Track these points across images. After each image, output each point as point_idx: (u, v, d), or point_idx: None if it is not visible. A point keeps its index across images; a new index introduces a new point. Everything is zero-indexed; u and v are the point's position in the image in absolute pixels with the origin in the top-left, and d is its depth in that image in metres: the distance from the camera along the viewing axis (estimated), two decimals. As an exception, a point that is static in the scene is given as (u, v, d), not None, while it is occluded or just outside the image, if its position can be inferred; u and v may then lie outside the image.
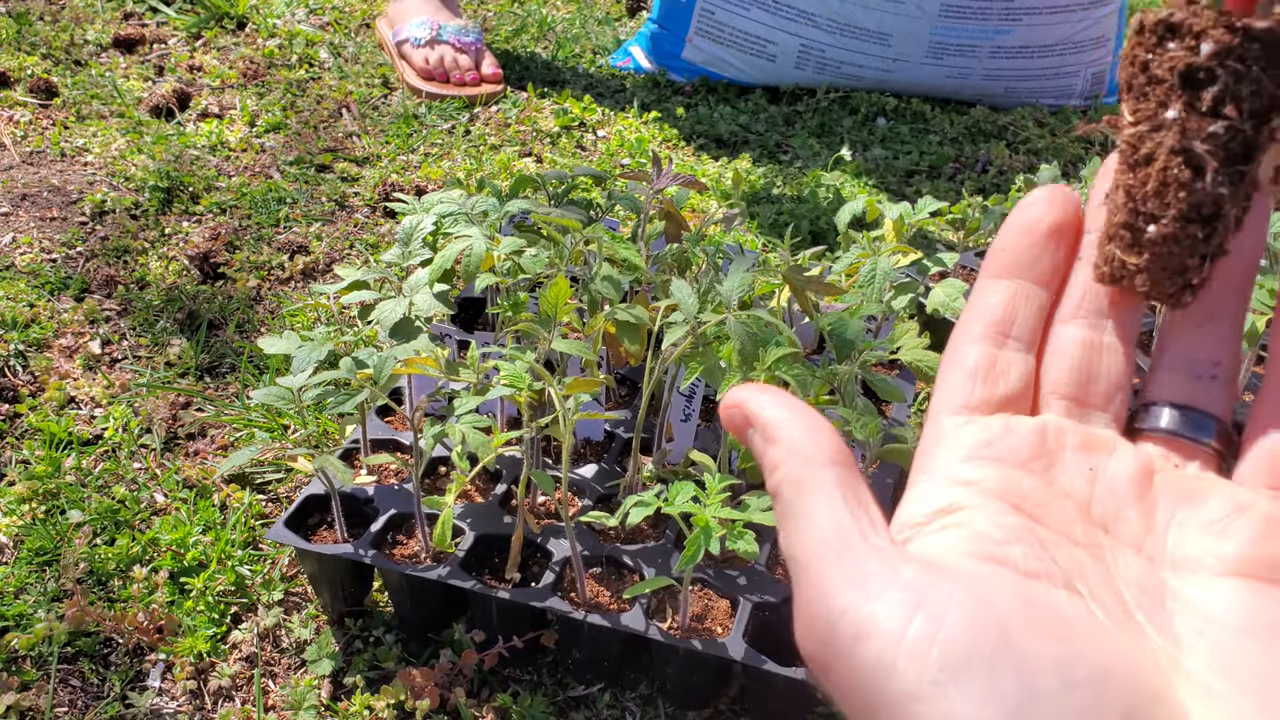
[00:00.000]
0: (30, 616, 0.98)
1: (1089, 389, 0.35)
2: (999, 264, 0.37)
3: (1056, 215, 0.36)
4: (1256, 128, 0.31)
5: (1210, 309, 0.35)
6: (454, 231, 0.96)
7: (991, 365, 0.35)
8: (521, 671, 0.98)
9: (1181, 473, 0.34)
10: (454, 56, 2.01)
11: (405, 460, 1.04)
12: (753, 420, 0.33)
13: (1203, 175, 0.31)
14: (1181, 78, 0.31)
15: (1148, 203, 0.32)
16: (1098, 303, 0.36)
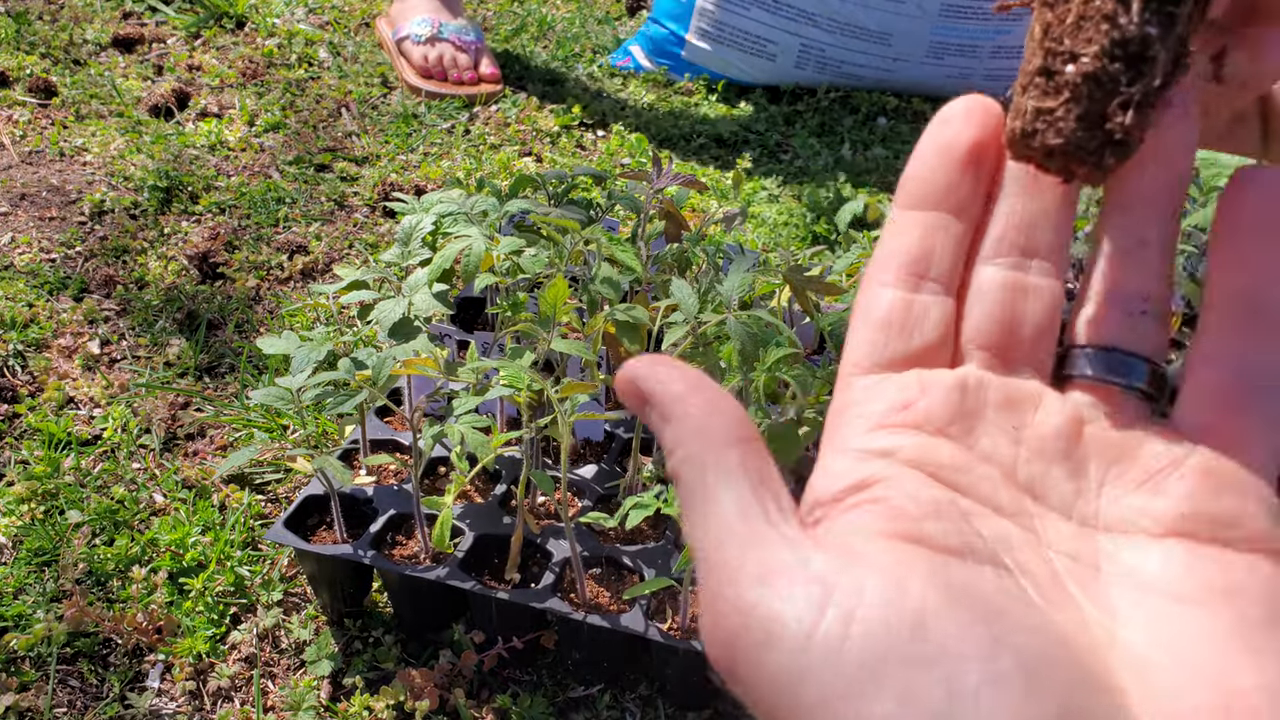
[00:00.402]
0: (29, 617, 0.97)
1: (1012, 337, 0.32)
2: (912, 193, 0.33)
3: (975, 133, 0.32)
4: None
5: (1138, 234, 0.31)
6: (453, 231, 0.96)
7: (906, 313, 0.32)
8: (521, 672, 0.97)
9: (1113, 423, 0.31)
10: (453, 55, 2.01)
11: (404, 460, 1.04)
12: (649, 396, 0.30)
13: (1128, 7, 0.28)
14: None
15: (1066, 39, 0.29)
16: (1024, 235, 0.32)
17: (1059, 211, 0.32)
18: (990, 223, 0.33)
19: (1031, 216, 0.32)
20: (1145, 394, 0.31)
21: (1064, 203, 0.32)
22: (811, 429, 0.89)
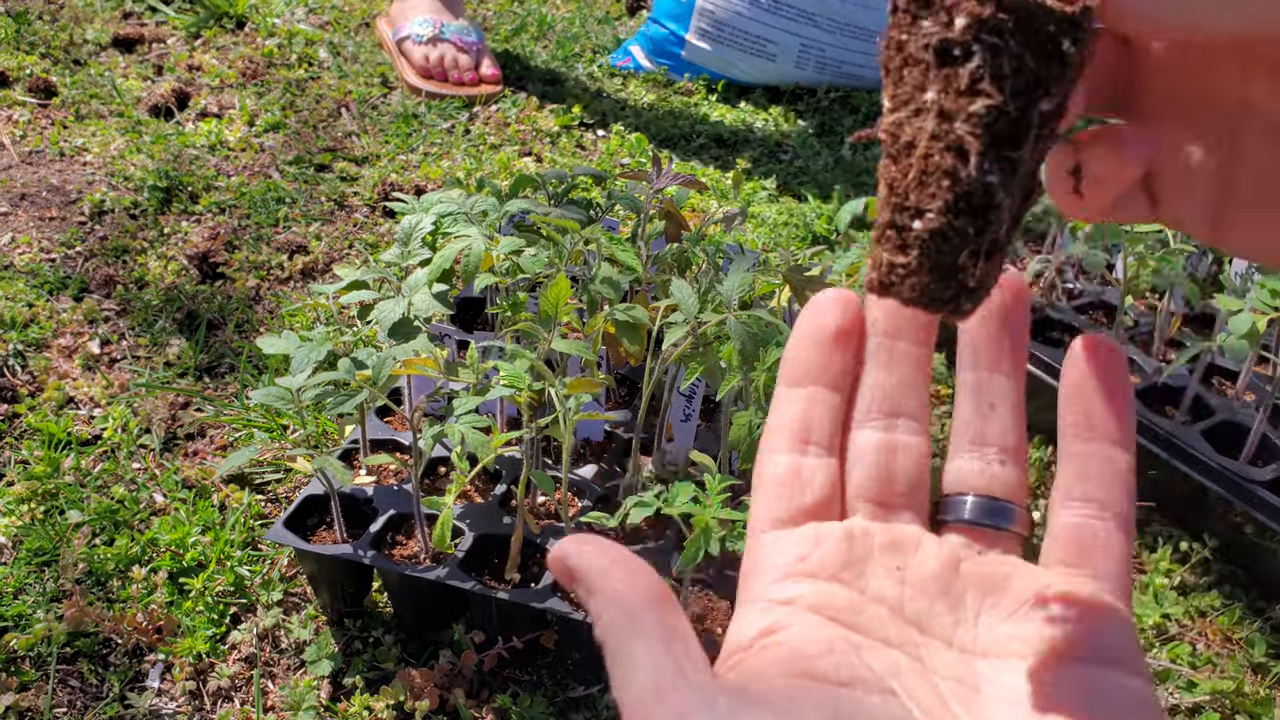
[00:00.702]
0: (29, 617, 0.97)
1: (890, 489, 0.37)
2: (792, 373, 0.38)
3: (840, 319, 0.38)
4: (1022, 108, 0.28)
5: (988, 399, 0.37)
6: (453, 231, 0.96)
7: (796, 475, 0.37)
8: (521, 672, 0.97)
9: (985, 560, 0.36)
10: (454, 56, 2.01)
11: (404, 460, 1.04)
12: (575, 573, 0.33)
13: (967, 160, 0.28)
14: (937, 55, 0.28)
15: (911, 195, 0.29)
16: (889, 402, 0.38)
17: (916, 377, 0.38)
18: (860, 390, 0.38)
19: (893, 385, 0.38)
20: (1014, 533, 0.36)
21: (919, 371, 0.38)
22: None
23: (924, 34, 0.29)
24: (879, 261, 0.30)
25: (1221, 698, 1.01)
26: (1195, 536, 1.17)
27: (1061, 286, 1.44)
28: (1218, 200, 0.33)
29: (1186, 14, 0.28)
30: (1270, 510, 1.09)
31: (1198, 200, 0.33)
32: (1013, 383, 0.38)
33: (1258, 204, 0.32)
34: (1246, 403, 1.25)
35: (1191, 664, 1.05)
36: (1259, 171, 0.32)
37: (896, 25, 0.30)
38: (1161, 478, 1.18)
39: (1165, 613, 1.10)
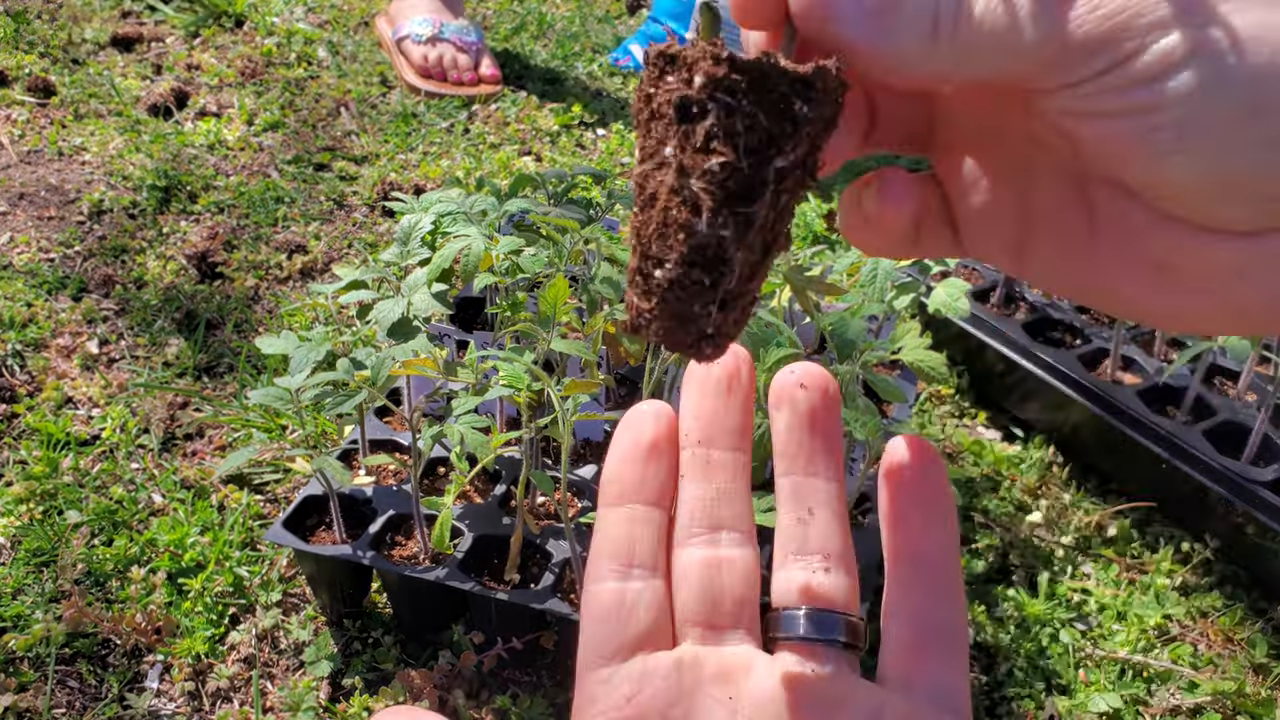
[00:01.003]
0: (28, 617, 0.97)
1: (718, 609, 0.36)
2: (610, 492, 0.37)
3: (653, 433, 0.37)
4: (756, 166, 0.29)
5: (805, 505, 0.37)
6: (452, 231, 0.95)
7: (621, 604, 0.36)
8: (521, 673, 0.97)
9: (819, 679, 0.35)
10: (454, 55, 2.01)
11: (404, 461, 1.04)
12: None
13: (700, 215, 0.29)
14: (677, 111, 0.29)
15: (653, 245, 0.31)
16: (709, 515, 0.37)
17: (734, 485, 0.37)
18: (679, 507, 0.37)
19: (712, 496, 0.37)
20: (844, 644, 0.36)
21: (737, 478, 0.37)
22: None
23: (667, 89, 0.30)
24: (630, 304, 0.32)
25: (1223, 699, 1.00)
26: (1197, 537, 1.17)
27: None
28: (1017, 234, 0.34)
29: (927, 66, 0.29)
30: (1272, 510, 1.09)
31: (998, 234, 0.34)
32: (830, 485, 0.37)
33: (1051, 237, 0.33)
34: (1248, 403, 1.25)
35: (1193, 665, 1.05)
36: (1050, 206, 0.33)
37: (647, 78, 0.30)
38: (1163, 478, 1.18)
39: (1166, 613, 1.10)
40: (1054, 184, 0.33)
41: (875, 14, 0.29)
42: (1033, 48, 0.28)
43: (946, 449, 1.29)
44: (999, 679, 1.02)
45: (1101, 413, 1.21)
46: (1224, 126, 0.27)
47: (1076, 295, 0.34)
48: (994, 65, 0.28)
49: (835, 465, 0.37)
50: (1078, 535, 1.19)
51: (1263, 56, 0.26)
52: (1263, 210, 0.28)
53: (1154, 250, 0.31)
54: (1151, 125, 0.27)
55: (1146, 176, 0.29)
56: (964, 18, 0.28)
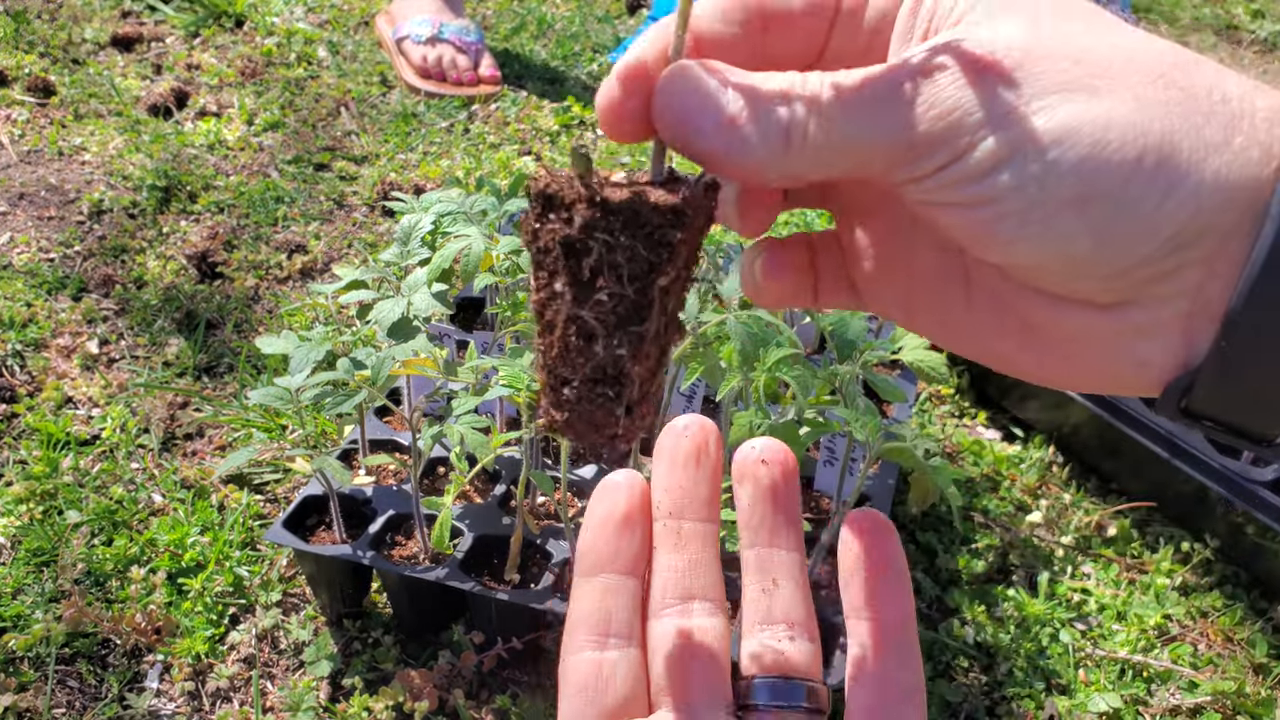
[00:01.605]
0: (28, 617, 0.97)
1: (689, 680, 0.37)
2: (585, 562, 0.39)
3: (626, 504, 0.38)
4: (641, 290, 0.32)
5: (769, 576, 0.38)
6: (453, 231, 0.95)
7: (598, 674, 0.37)
8: (521, 673, 0.97)
9: None
10: (453, 56, 2.00)
11: (404, 461, 1.04)
12: None
13: (597, 341, 0.32)
14: (562, 249, 0.32)
15: (558, 366, 0.33)
16: (681, 586, 0.38)
17: (705, 554, 0.39)
18: (653, 577, 0.39)
19: (684, 566, 0.38)
20: (808, 709, 0.37)
21: (708, 547, 0.39)
22: (813, 430, 0.89)
23: (550, 229, 0.32)
24: (544, 410, 0.34)
25: (1223, 698, 1.00)
26: (1197, 537, 1.17)
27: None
28: (906, 294, 0.37)
29: (783, 171, 0.31)
30: (1272, 510, 1.09)
31: (889, 294, 0.38)
32: (792, 556, 0.39)
33: (934, 299, 0.36)
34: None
35: (1193, 664, 1.05)
36: (930, 272, 0.36)
37: (531, 216, 0.33)
38: (1163, 478, 1.18)
39: (1166, 613, 1.10)
40: (932, 253, 0.36)
41: (730, 130, 0.31)
42: (881, 147, 0.30)
43: (947, 449, 1.30)
44: (999, 679, 1.02)
45: (1101, 412, 1.21)
46: (1056, 215, 0.29)
47: (960, 351, 0.37)
48: (845, 166, 0.31)
49: (796, 536, 0.39)
50: (1078, 535, 1.19)
51: (1081, 148, 0.28)
52: (1112, 287, 0.30)
53: (1021, 316, 0.33)
54: (994, 215, 0.29)
55: (999, 259, 0.31)
56: (813, 126, 0.30)
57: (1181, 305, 0.30)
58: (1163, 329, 0.31)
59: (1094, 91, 0.28)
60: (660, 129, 0.32)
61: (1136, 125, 0.28)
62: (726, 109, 0.31)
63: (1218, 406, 0.31)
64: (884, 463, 1.10)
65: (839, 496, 1.02)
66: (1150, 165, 0.28)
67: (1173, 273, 0.29)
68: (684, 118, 0.31)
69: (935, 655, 1.03)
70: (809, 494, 1.08)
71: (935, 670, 1.02)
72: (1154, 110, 0.28)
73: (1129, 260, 0.29)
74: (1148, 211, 0.28)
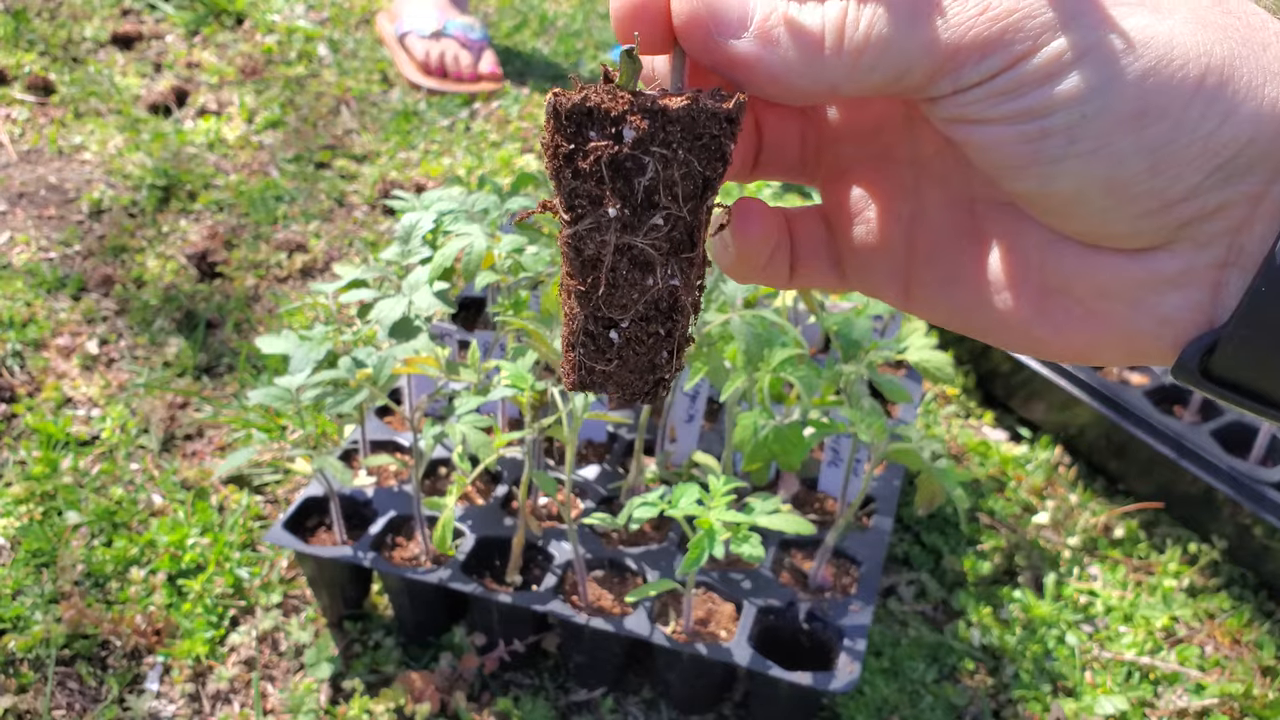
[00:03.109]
0: (28, 618, 0.97)
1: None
2: None
3: None
4: (694, 210, 0.29)
5: None
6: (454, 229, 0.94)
7: None
8: (523, 675, 0.97)
9: None
10: (456, 52, 2.00)
11: (405, 461, 1.03)
12: None
13: (653, 271, 0.30)
14: (610, 170, 0.29)
15: (604, 308, 0.30)
16: None
17: None
18: None
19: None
20: None
21: None
22: (818, 430, 0.88)
23: (594, 148, 0.29)
24: (578, 365, 0.32)
25: (1230, 701, 1.00)
26: (1204, 538, 1.16)
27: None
28: (904, 264, 0.34)
29: (817, 79, 0.29)
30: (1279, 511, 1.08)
31: (884, 265, 0.34)
32: None
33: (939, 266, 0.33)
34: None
35: (1200, 666, 1.04)
36: (937, 232, 0.33)
37: (561, 134, 0.29)
38: (1170, 479, 1.17)
39: (1174, 614, 1.09)
40: (942, 210, 0.33)
41: (762, 31, 0.29)
42: (922, 53, 0.28)
43: (952, 450, 1.29)
44: (1005, 681, 1.01)
45: (1108, 413, 1.21)
46: (1111, 131, 0.27)
47: (963, 326, 0.34)
48: (884, 74, 0.28)
49: None
50: (1084, 536, 1.18)
51: (1147, 60, 0.27)
52: (1149, 223, 0.28)
53: (1043, 274, 0.31)
54: (1041, 130, 0.27)
55: (1037, 186, 0.29)
56: (851, 28, 0.28)
57: (1217, 252, 0.29)
58: (1194, 279, 0.29)
59: (1157, 8, 0.27)
60: (681, 34, 0.30)
61: (1200, 44, 0.27)
62: (758, 8, 0.29)
63: (1243, 367, 0.29)
64: (889, 464, 1.09)
65: (844, 498, 1.01)
66: (1212, 86, 0.27)
67: (1214, 212, 0.28)
68: (710, 20, 0.29)
69: (941, 657, 1.02)
70: (814, 495, 1.08)
71: (941, 673, 1.01)
72: (1215, 33, 0.27)
73: (1177, 190, 0.27)
74: (1204, 135, 0.27)
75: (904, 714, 0.96)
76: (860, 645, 0.87)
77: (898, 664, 1.00)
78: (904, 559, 1.13)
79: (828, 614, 0.90)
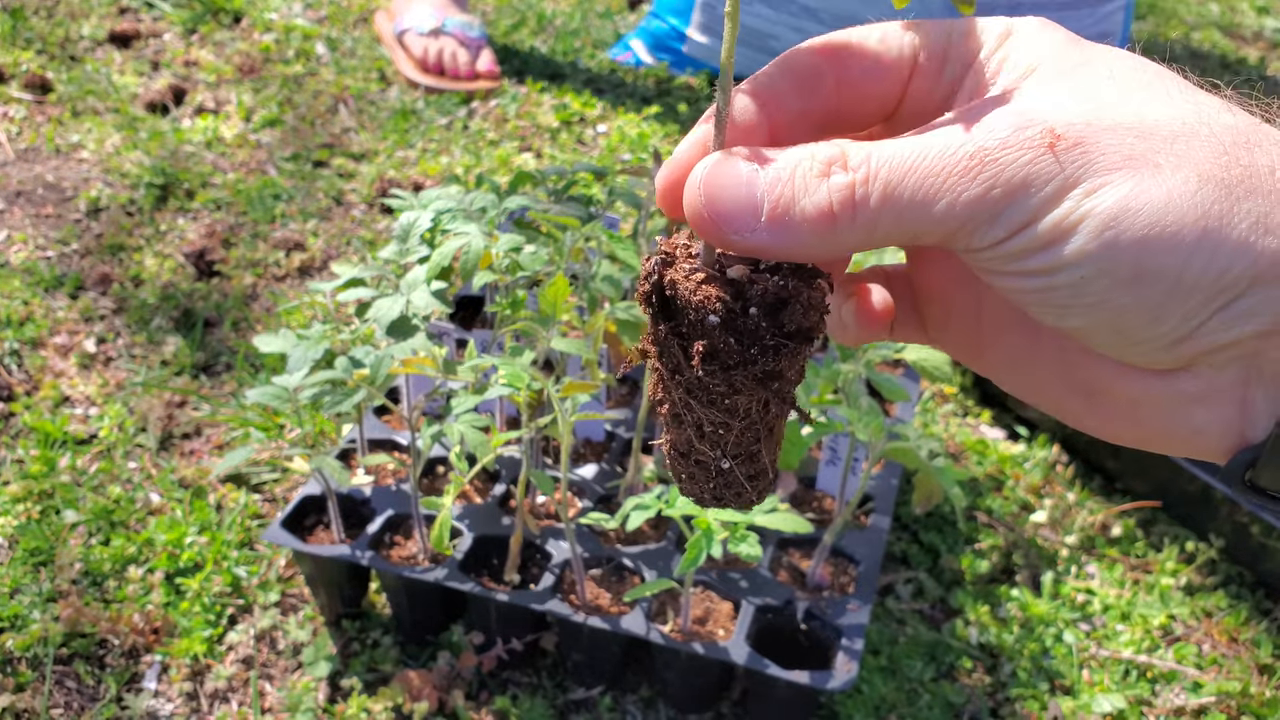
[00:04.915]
0: (25, 617, 0.97)
1: None
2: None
3: None
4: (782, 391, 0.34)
5: None
6: (452, 228, 0.94)
7: None
8: (520, 674, 0.97)
9: None
10: (455, 49, 2.00)
11: (403, 460, 1.03)
12: None
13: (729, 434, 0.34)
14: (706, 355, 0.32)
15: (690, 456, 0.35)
16: None
17: None
18: None
19: None
20: None
21: None
22: (816, 429, 0.88)
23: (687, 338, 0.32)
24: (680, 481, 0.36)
25: (1227, 699, 1.00)
26: (1201, 536, 1.16)
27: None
28: (975, 339, 0.38)
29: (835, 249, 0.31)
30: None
31: (960, 337, 0.39)
32: None
33: (1001, 351, 0.37)
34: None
35: (1197, 665, 1.04)
36: (997, 325, 0.37)
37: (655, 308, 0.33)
38: (1167, 477, 1.17)
39: (1171, 613, 1.09)
40: (999, 305, 0.36)
41: (773, 221, 0.30)
42: (936, 224, 0.29)
43: (950, 448, 1.29)
44: (1003, 680, 1.01)
45: (1105, 411, 1.21)
46: (1110, 291, 0.29)
47: (1035, 403, 0.37)
48: (901, 238, 0.31)
49: None
50: (1082, 535, 1.18)
51: (1140, 227, 0.28)
52: (1162, 357, 0.30)
53: (1086, 377, 0.33)
54: (1049, 285, 0.30)
55: (1053, 322, 0.31)
56: (861, 203, 0.30)
57: (1238, 373, 0.30)
58: (1218, 398, 0.31)
59: (1157, 168, 0.28)
60: (696, 231, 0.32)
61: (1199, 204, 0.28)
62: (765, 199, 0.30)
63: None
64: (887, 462, 1.09)
65: (842, 497, 1.01)
66: (1209, 247, 0.28)
67: (1226, 346, 0.29)
68: (720, 222, 0.31)
69: (939, 656, 1.02)
70: (811, 494, 1.08)
71: (939, 671, 1.01)
72: (1217, 189, 0.28)
73: (1183, 332, 0.29)
74: (1204, 288, 0.28)
75: (902, 712, 0.96)
76: (858, 644, 0.87)
77: (895, 662, 1.00)
78: (902, 558, 1.13)
79: (825, 613, 0.91)
